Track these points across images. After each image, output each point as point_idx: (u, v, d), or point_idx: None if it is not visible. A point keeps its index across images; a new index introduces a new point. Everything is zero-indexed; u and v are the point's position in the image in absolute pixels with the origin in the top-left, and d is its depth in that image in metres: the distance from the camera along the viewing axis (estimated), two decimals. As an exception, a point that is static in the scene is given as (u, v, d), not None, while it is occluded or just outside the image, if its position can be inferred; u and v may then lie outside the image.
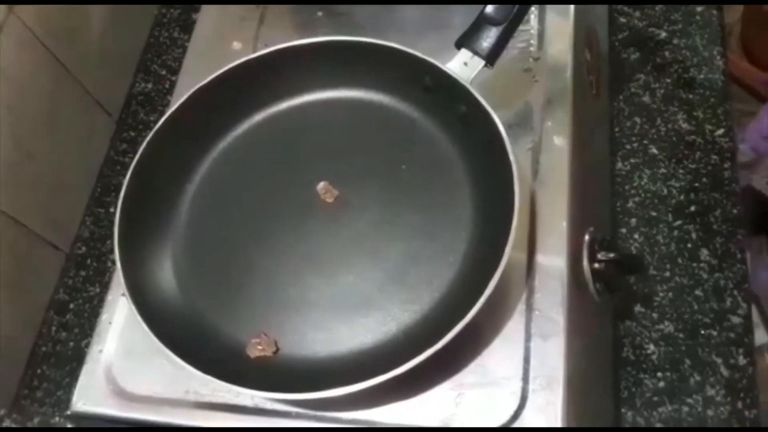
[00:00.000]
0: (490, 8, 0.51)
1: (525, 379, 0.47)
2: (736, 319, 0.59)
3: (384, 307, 0.49)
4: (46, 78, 0.66)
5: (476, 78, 0.52)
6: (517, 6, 0.51)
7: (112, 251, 0.50)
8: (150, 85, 0.77)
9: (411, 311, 0.49)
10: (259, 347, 0.48)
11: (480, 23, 0.52)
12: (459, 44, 0.52)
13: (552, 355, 0.47)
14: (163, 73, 0.77)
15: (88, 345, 0.54)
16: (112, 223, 0.51)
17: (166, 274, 0.52)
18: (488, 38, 0.51)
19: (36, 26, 0.64)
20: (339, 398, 0.44)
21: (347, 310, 0.50)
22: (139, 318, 0.47)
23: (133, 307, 0.48)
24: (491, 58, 0.51)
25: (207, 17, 0.69)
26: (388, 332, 0.48)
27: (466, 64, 0.52)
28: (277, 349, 0.49)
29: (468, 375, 0.47)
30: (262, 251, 0.53)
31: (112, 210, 0.69)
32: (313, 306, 0.50)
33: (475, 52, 0.51)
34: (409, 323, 0.49)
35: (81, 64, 0.70)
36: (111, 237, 0.50)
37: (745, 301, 0.59)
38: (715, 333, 0.59)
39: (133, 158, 0.53)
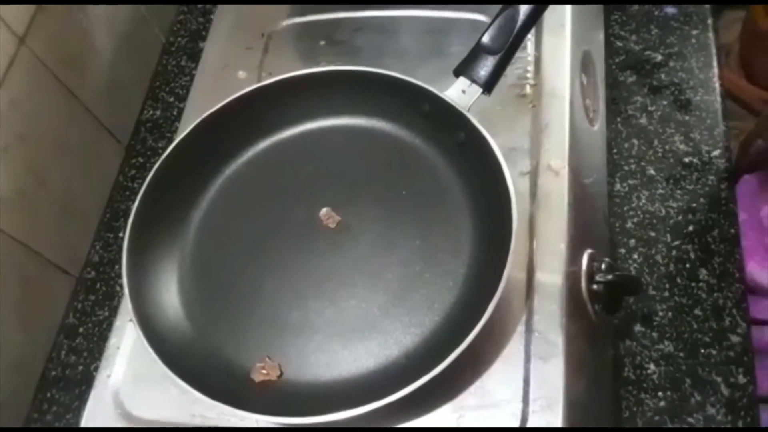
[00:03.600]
0: (486, 37, 0.53)
1: (525, 400, 0.47)
2: (735, 338, 0.60)
3: (386, 330, 0.50)
4: (56, 106, 0.68)
5: (474, 105, 0.53)
6: (513, 35, 0.52)
7: (121, 276, 0.51)
8: (158, 112, 0.78)
9: (412, 334, 0.50)
10: (264, 371, 0.49)
11: (477, 52, 0.53)
12: (457, 72, 0.54)
13: (552, 377, 0.48)
14: (171, 100, 0.79)
15: (96, 369, 0.55)
16: (121, 248, 0.52)
17: (172, 300, 0.54)
18: (485, 66, 0.53)
19: (46, 57, 0.66)
20: (342, 421, 0.44)
21: (349, 334, 0.51)
22: (146, 344, 0.48)
23: (140, 333, 0.49)
24: (489, 85, 0.53)
25: (213, 46, 0.71)
26: (389, 355, 0.49)
27: (464, 91, 0.53)
28: (281, 373, 0.50)
29: (468, 397, 0.48)
30: (266, 276, 0.54)
31: (121, 235, 0.71)
32: (316, 330, 0.51)
33: (473, 80, 0.53)
34: (410, 346, 0.49)
35: (90, 92, 0.72)
36: (120, 262, 0.52)
37: (744, 320, 0.60)
38: (714, 352, 0.59)
39: (141, 184, 0.54)
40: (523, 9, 0.52)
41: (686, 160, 0.68)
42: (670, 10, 0.78)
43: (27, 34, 0.63)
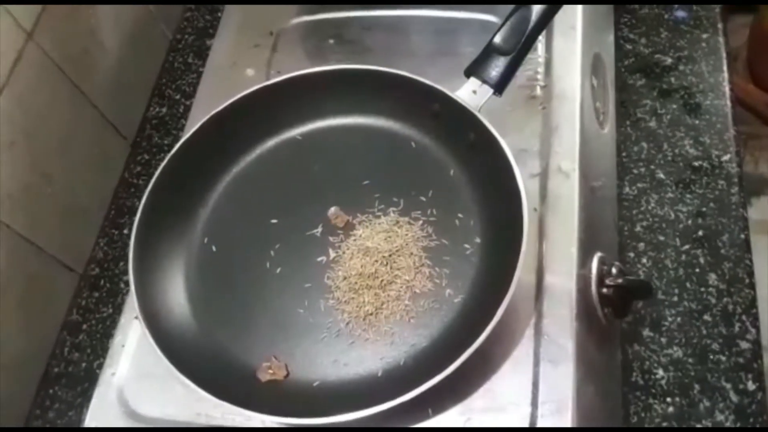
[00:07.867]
0: (498, 38, 0.52)
1: (534, 404, 0.47)
2: (744, 344, 0.59)
3: (394, 331, 0.50)
4: (62, 102, 0.68)
5: (485, 106, 0.52)
6: (525, 36, 0.52)
7: (125, 273, 0.51)
8: (164, 110, 0.78)
9: (420, 336, 0.49)
10: (270, 371, 0.49)
11: (488, 52, 0.53)
12: (468, 73, 0.53)
13: (561, 381, 0.47)
14: (178, 97, 0.78)
15: (100, 366, 0.54)
16: (125, 244, 0.52)
17: (179, 298, 0.53)
18: (497, 67, 0.52)
19: (53, 52, 0.66)
20: (348, 422, 0.44)
21: (357, 335, 0.50)
22: (151, 341, 0.48)
23: (146, 331, 0.48)
24: (500, 86, 0.52)
25: (221, 44, 0.70)
26: (397, 357, 0.49)
27: (474, 92, 0.53)
28: (288, 373, 0.49)
29: (477, 400, 0.48)
30: (273, 276, 0.53)
31: (126, 232, 0.70)
32: (323, 330, 0.51)
33: (484, 81, 0.52)
34: (418, 348, 0.49)
35: (97, 88, 0.72)
36: (124, 258, 0.51)
37: (754, 326, 0.59)
38: (723, 358, 0.59)
39: (147, 181, 0.54)
40: (536, 9, 0.52)
41: (696, 164, 0.68)
42: (681, 13, 0.77)
43: (35, 30, 0.63)
